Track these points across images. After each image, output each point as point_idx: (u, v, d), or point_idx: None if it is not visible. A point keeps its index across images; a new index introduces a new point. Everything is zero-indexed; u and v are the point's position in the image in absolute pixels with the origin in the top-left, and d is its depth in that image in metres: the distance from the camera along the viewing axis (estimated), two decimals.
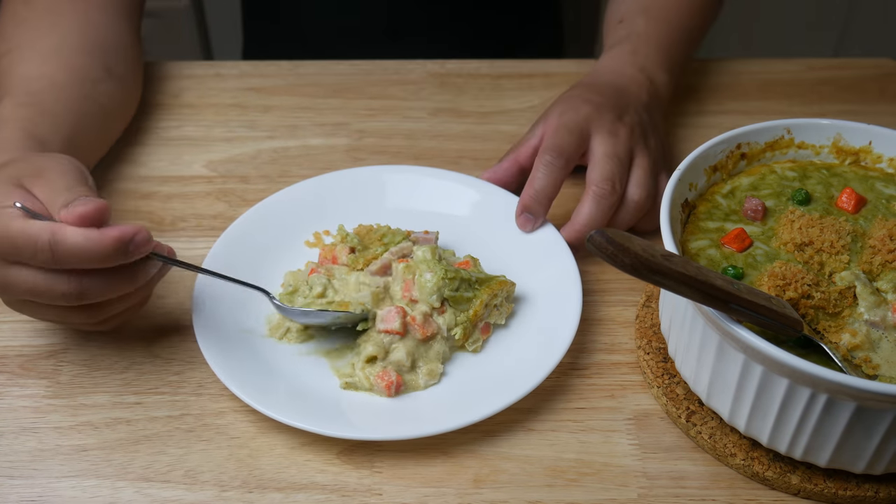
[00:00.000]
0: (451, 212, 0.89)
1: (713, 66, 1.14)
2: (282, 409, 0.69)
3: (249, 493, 0.69)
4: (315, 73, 1.11)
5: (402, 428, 0.69)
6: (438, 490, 0.69)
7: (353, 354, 0.76)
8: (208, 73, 1.11)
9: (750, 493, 0.69)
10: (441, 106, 1.06)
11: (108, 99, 0.92)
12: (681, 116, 1.05)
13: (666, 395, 0.74)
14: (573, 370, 0.77)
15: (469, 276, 0.77)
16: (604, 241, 0.55)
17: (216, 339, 0.75)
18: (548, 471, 0.70)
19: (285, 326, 0.78)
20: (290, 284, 0.80)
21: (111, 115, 0.93)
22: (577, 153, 0.85)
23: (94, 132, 0.90)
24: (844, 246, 0.70)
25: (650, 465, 0.71)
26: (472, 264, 0.80)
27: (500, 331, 0.79)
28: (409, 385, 0.74)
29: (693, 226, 0.74)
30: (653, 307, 0.81)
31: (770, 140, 0.79)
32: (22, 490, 0.69)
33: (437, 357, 0.75)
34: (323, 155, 0.99)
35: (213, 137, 1.01)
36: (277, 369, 0.75)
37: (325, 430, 0.69)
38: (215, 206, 0.93)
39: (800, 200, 0.75)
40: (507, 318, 0.79)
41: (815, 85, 1.11)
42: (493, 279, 0.78)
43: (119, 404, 0.74)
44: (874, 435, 0.62)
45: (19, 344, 0.79)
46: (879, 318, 0.66)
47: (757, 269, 0.70)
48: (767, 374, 0.62)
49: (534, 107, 1.06)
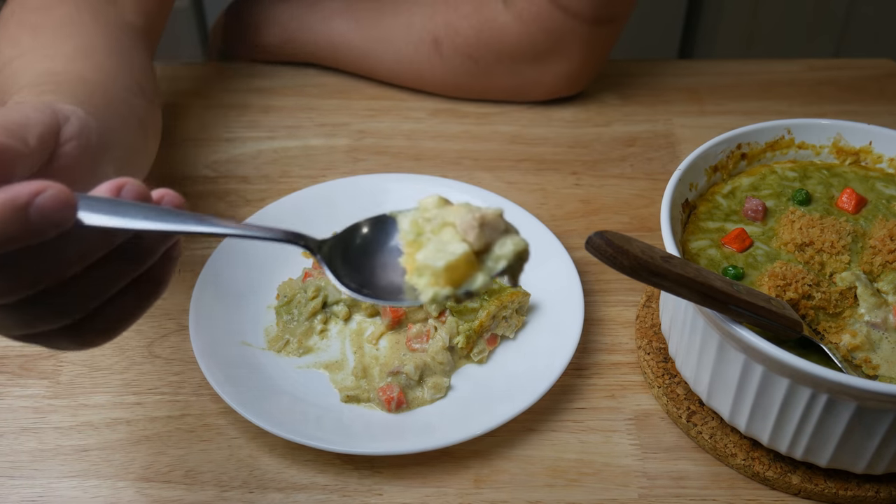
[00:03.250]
0: None
1: (713, 66, 1.14)
2: (283, 425, 0.69)
3: (250, 493, 0.69)
4: (315, 74, 1.11)
5: (403, 442, 0.69)
6: (439, 490, 0.69)
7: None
8: (208, 73, 1.11)
9: (750, 493, 0.69)
10: (441, 106, 1.06)
11: (144, 113, 0.78)
12: (681, 116, 1.05)
13: (666, 395, 0.74)
14: (574, 370, 0.77)
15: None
16: (603, 244, 0.55)
17: (214, 353, 0.74)
18: (548, 471, 0.70)
19: (284, 339, 0.78)
20: (284, 295, 0.80)
21: (147, 131, 0.78)
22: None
23: (135, 145, 0.74)
24: (845, 246, 0.70)
25: (651, 465, 0.71)
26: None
27: (503, 340, 0.79)
28: (414, 402, 0.73)
29: (693, 226, 0.74)
30: (653, 307, 0.81)
31: (770, 140, 0.79)
32: (23, 490, 0.69)
33: (442, 370, 0.75)
34: (323, 155, 0.99)
35: (213, 137, 1.01)
36: (277, 383, 0.74)
37: (327, 445, 0.68)
38: (216, 206, 0.93)
39: (800, 201, 0.75)
40: (516, 331, 0.78)
41: (815, 85, 1.10)
42: (506, 290, 0.77)
43: (119, 404, 0.74)
44: (875, 435, 0.62)
45: (19, 344, 0.79)
46: (880, 320, 0.66)
47: (757, 270, 0.70)
48: (768, 375, 0.62)
49: (534, 107, 1.06)
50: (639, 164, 0.99)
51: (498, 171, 0.98)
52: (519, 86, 1.04)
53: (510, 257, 0.49)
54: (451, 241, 0.49)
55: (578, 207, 0.93)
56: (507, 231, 0.50)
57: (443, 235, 0.50)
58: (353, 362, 0.76)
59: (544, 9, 0.96)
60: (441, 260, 0.48)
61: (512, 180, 0.96)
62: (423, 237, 0.50)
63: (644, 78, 1.11)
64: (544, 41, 0.98)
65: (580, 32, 0.98)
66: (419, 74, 1.05)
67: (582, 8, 0.96)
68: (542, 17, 0.97)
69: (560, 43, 0.99)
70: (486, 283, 0.49)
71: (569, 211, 0.93)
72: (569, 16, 0.96)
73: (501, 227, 0.50)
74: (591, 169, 0.98)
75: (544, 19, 0.97)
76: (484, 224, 0.49)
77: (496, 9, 0.98)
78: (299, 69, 1.11)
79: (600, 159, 1.00)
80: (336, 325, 0.79)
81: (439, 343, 0.75)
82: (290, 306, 0.79)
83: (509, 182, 0.96)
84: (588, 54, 1.01)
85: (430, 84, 1.06)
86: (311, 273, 0.81)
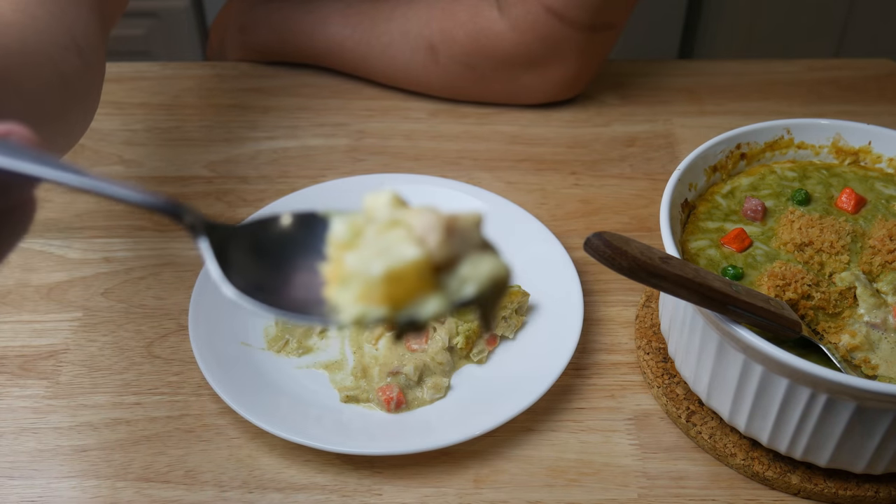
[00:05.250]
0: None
1: (713, 66, 1.14)
2: (282, 425, 0.69)
3: (250, 493, 0.69)
4: (315, 74, 1.11)
5: (403, 442, 0.69)
6: (438, 490, 0.69)
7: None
8: (208, 73, 1.11)
9: (750, 493, 0.69)
10: (440, 106, 1.06)
11: (74, 73, 0.69)
12: (680, 116, 1.05)
13: (666, 395, 0.74)
14: (573, 370, 0.77)
15: None
16: (601, 245, 0.55)
17: (214, 353, 0.74)
18: (548, 471, 0.70)
19: (284, 339, 0.78)
20: None
21: (73, 94, 0.70)
22: None
23: (50, 104, 0.67)
24: (844, 246, 0.70)
25: (650, 465, 0.71)
26: None
27: (503, 340, 0.79)
28: (413, 403, 0.73)
29: (693, 226, 0.74)
30: (653, 307, 0.81)
31: (770, 140, 0.79)
32: (22, 490, 0.69)
33: (441, 371, 0.75)
34: (322, 155, 0.99)
35: (213, 137, 1.01)
36: (277, 383, 0.74)
37: (326, 445, 0.68)
38: (215, 206, 0.93)
39: (799, 201, 0.75)
40: (516, 331, 0.79)
41: (815, 85, 1.10)
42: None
43: (119, 405, 0.74)
44: (874, 435, 0.62)
45: (19, 344, 0.79)
46: (880, 321, 0.66)
47: (757, 270, 0.70)
48: (767, 374, 0.62)
49: (534, 107, 1.06)
50: (638, 164, 0.99)
51: (498, 171, 0.98)
52: (516, 91, 1.04)
53: (483, 283, 0.34)
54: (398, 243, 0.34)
55: (578, 207, 0.93)
56: (484, 247, 0.36)
57: (389, 236, 0.35)
58: (353, 362, 0.76)
59: (540, 17, 0.96)
60: (379, 265, 0.34)
61: (512, 180, 0.96)
62: (361, 239, 0.36)
63: (643, 78, 1.11)
64: (540, 49, 0.98)
65: (576, 40, 0.98)
66: (416, 79, 1.05)
67: (577, 16, 0.95)
68: (537, 25, 0.96)
69: (556, 50, 0.99)
70: (442, 311, 0.34)
71: (568, 211, 0.93)
72: (564, 24, 0.96)
73: (477, 240, 0.36)
74: (590, 169, 0.98)
75: (540, 28, 0.97)
76: (452, 229, 0.35)
77: (491, 17, 0.98)
78: (299, 70, 1.11)
79: (600, 159, 1.00)
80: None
81: (439, 343, 0.75)
82: None
83: (509, 182, 0.96)
84: (585, 61, 1.01)
85: (427, 89, 1.06)
86: None
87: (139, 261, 0.86)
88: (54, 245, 0.88)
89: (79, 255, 0.87)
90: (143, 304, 0.82)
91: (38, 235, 0.89)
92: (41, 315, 0.81)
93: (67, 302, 0.83)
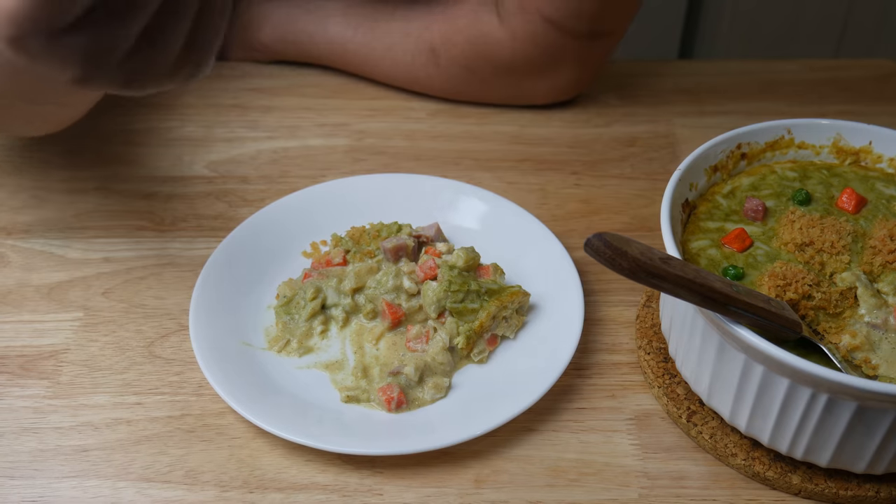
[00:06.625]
0: (449, 219, 0.89)
1: (713, 66, 1.14)
2: (283, 425, 0.69)
3: (250, 493, 0.69)
4: (315, 74, 1.11)
5: (404, 442, 0.69)
6: (439, 490, 0.69)
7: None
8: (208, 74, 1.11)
9: (751, 493, 0.69)
10: (441, 106, 1.06)
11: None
12: (681, 116, 1.05)
13: (667, 395, 0.74)
14: (574, 370, 0.77)
15: (479, 287, 0.76)
16: (601, 245, 0.55)
17: (214, 353, 0.74)
18: (549, 471, 0.70)
19: (284, 339, 0.78)
20: (284, 295, 0.79)
21: (19, 84, 0.69)
22: None
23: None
24: (845, 246, 0.70)
25: (651, 465, 0.71)
26: (491, 272, 0.80)
27: (503, 340, 0.79)
28: (414, 403, 0.73)
29: (693, 226, 0.74)
30: (653, 307, 0.81)
31: (770, 140, 0.79)
32: (23, 490, 0.69)
33: (442, 371, 0.75)
34: (323, 155, 0.99)
35: (213, 137, 1.01)
36: (277, 383, 0.74)
37: (327, 445, 0.68)
38: (215, 206, 0.93)
39: (800, 200, 0.75)
40: (517, 331, 0.78)
41: (815, 85, 1.11)
42: (506, 290, 0.77)
43: (119, 405, 0.74)
44: (875, 435, 0.62)
45: (20, 344, 0.79)
46: (881, 321, 0.66)
47: (757, 270, 0.70)
48: (768, 374, 0.62)
49: (534, 107, 1.06)
50: (639, 164, 0.99)
51: (498, 171, 0.98)
52: (517, 93, 1.04)
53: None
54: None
55: (578, 207, 0.93)
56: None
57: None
58: (354, 362, 0.76)
59: (539, 27, 0.96)
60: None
61: (512, 180, 0.96)
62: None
63: (644, 78, 1.11)
64: (539, 57, 0.98)
65: (575, 48, 0.98)
66: (416, 81, 1.05)
67: (576, 26, 0.95)
68: (536, 35, 0.96)
69: (556, 58, 0.99)
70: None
71: (569, 211, 0.93)
72: (563, 33, 0.96)
73: None
74: (591, 169, 0.98)
75: (539, 37, 0.97)
76: None
77: (491, 24, 0.98)
78: (299, 69, 1.11)
79: (600, 159, 1.00)
80: (336, 325, 0.79)
81: (439, 344, 0.75)
82: (289, 307, 0.79)
83: (509, 182, 0.96)
84: (584, 67, 1.01)
85: (429, 90, 1.06)
86: (311, 273, 0.81)
87: (140, 261, 0.86)
88: (55, 245, 0.88)
89: (79, 255, 0.87)
90: (144, 303, 0.83)
91: (39, 235, 0.89)
92: (42, 315, 0.81)
93: (68, 302, 0.83)
